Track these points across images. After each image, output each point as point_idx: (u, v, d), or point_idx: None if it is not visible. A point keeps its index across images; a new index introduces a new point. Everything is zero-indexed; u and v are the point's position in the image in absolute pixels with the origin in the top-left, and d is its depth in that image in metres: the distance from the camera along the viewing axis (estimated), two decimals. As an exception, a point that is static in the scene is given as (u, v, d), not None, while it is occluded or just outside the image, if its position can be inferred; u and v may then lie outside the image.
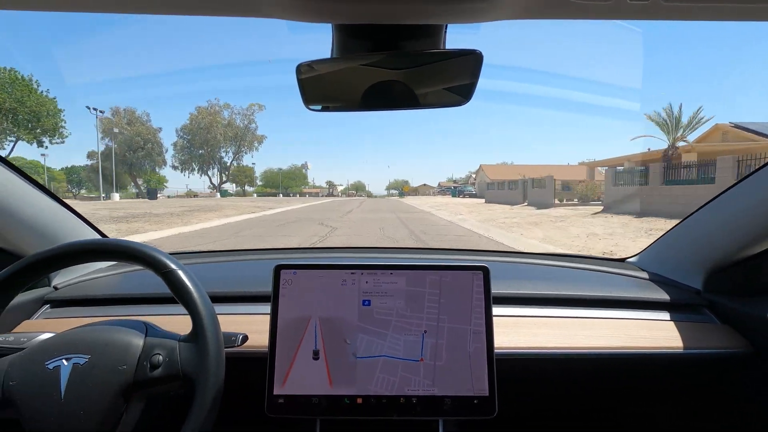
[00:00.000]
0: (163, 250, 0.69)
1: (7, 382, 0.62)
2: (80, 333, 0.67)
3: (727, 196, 0.94)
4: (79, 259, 0.70)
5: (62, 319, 0.98)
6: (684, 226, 1.09)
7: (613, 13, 0.46)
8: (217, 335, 0.65)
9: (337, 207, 24.03)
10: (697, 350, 0.88)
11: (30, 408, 0.60)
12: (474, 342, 0.76)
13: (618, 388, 0.98)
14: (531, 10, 0.47)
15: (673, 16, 0.45)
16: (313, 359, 0.75)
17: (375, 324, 0.77)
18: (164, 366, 0.63)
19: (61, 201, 1.07)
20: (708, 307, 1.01)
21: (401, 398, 0.74)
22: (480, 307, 0.77)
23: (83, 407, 0.60)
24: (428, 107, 0.75)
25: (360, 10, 0.48)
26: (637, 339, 0.89)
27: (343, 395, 0.74)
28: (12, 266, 0.66)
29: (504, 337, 0.87)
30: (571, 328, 0.92)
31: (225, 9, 0.47)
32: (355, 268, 0.80)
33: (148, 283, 1.05)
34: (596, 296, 1.01)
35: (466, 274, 0.79)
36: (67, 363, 0.62)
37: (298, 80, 0.68)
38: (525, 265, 1.29)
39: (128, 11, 0.49)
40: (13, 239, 0.97)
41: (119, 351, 0.63)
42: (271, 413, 0.74)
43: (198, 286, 0.67)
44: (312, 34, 0.61)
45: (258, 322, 0.90)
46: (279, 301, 0.78)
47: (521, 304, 1.00)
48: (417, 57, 0.64)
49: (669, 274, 1.13)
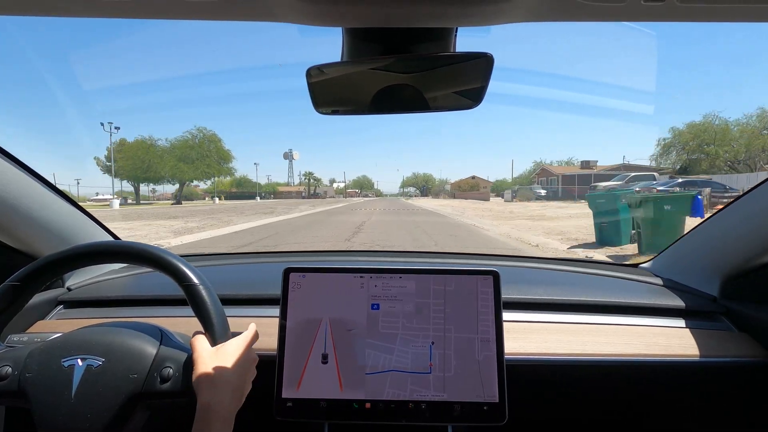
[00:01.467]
0: (183, 258, 0.70)
1: (24, 374, 0.63)
2: (98, 333, 0.67)
3: (743, 201, 0.91)
4: (97, 260, 0.72)
5: (75, 320, 0.99)
6: (699, 231, 1.07)
7: (626, 14, 0.45)
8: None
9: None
10: (713, 358, 0.86)
11: (41, 402, 0.61)
12: (483, 350, 0.75)
13: (632, 397, 0.96)
14: (542, 12, 0.47)
15: (689, 18, 0.44)
16: (322, 363, 0.75)
17: (382, 338, 0.76)
18: (173, 381, 0.63)
19: (75, 203, 1.09)
20: (724, 314, 0.98)
21: (410, 403, 0.73)
22: (487, 313, 0.76)
23: (91, 409, 0.60)
24: (438, 110, 0.75)
25: (371, 14, 0.48)
26: (651, 346, 0.87)
27: (352, 400, 0.73)
28: (28, 267, 0.67)
29: (514, 343, 0.86)
30: (584, 335, 0.90)
31: (237, 13, 0.48)
32: (364, 272, 0.79)
33: (160, 284, 1.06)
34: (609, 302, 0.99)
35: (474, 278, 0.78)
36: (81, 363, 0.63)
37: (308, 84, 0.68)
38: (535, 270, 1.28)
39: (141, 16, 0.50)
40: (29, 241, 0.99)
41: (132, 358, 0.64)
42: (280, 417, 0.74)
43: (216, 303, 0.67)
44: (322, 38, 0.61)
45: (267, 325, 0.90)
46: (288, 304, 0.78)
47: (532, 309, 0.98)
48: (427, 60, 0.64)
49: (683, 280, 1.10)
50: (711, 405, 1.01)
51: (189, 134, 42.37)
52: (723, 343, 0.89)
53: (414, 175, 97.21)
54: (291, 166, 69.90)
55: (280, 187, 74.73)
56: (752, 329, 0.92)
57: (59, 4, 0.46)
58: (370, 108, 0.72)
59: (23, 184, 0.91)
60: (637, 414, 1.03)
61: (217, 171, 43.18)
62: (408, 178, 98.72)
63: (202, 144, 41.72)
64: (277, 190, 70.62)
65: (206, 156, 41.23)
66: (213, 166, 42.00)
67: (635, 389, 0.93)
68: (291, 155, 65.53)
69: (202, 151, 41.09)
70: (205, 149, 41.41)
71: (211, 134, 42.88)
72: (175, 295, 0.98)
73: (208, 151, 41.61)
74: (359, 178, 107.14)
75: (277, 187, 72.80)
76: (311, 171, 72.71)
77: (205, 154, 41.21)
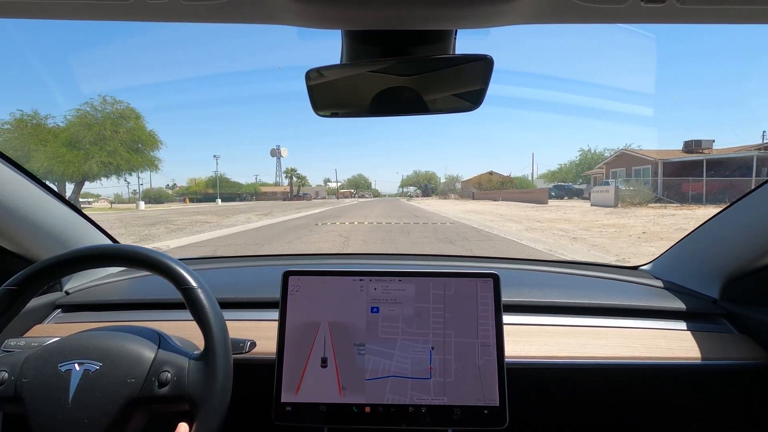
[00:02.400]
0: (181, 261, 0.69)
1: (21, 379, 0.62)
2: (96, 337, 0.67)
3: (743, 203, 0.91)
4: (95, 263, 0.71)
5: (73, 324, 0.98)
6: (699, 233, 1.06)
7: (626, 16, 0.45)
8: (227, 359, 0.64)
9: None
10: (714, 361, 0.86)
11: (38, 408, 0.60)
12: (483, 355, 0.74)
13: (632, 400, 0.95)
14: (541, 14, 0.47)
15: (689, 20, 0.44)
16: (321, 367, 0.75)
17: (381, 344, 0.76)
18: (171, 385, 0.63)
19: (73, 206, 1.09)
20: (725, 316, 0.98)
21: (410, 407, 0.73)
22: (487, 317, 0.76)
23: (88, 415, 0.60)
24: (438, 113, 0.75)
25: (370, 16, 0.48)
26: (652, 349, 0.86)
27: (352, 404, 0.73)
28: (25, 270, 0.67)
29: (515, 346, 0.86)
30: (584, 337, 0.90)
31: (238, 16, 0.48)
32: (364, 275, 0.79)
33: (158, 288, 1.06)
34: (609, 304, 0.99)
35: (474, 281, 0.77)
36: (78, 368, 0.62)
37: (308, 86, 0.68)
38: (535, 273, 1.27)
39: (142, 19, 0.50)
40: (26, 244, 0.98)
41: (130, 363, 0.64)
42: (279, 421, 0.73)
43: (215, 307, 0.67)
44: (322, 41, 0.61)
45: (266, 328, 0.89)
46: (287, 307, 0.77)
47: (532, 312, 0.98)
48: (426, 63, 0.64)
49: (684, 283, 1.10)
50: (712, 407, 1.00)
51: (89, 106, 26.44)
52: (724, 346, 0.89)
53: (415, 173, 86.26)
54: (279, 164, 58.27)
55: (264, 187, 64.53)
56: (753, 331, 0.92)
57: (61, 8, 0.46)
58: (370, 110, 0.72)
59: (20, 186, 0.91)
60: (638, 416, 1.03)
61: (127, 162, 26.51)
62: (408, 177, 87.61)
63: (106, 121, 25.95)
64: (259, 190, 59.72)
65: (110, 139, 25.53)
66: (120, 155, 25.88)
67: (636, 392, 0.93)
68: (279, 152, 54.44)
69: (103, 132, 25.42)
70: (108, 129, 25.62)
71: (126, 108, 26.89)
72: (174, 299, 0.97)
73: (114, 132, 25.81)
74: (355, 177, 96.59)
75: (259, 187, 62.38)
76: (294, 167, 60.57)
77: (108, 137, 25.49)
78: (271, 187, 64.15)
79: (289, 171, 60.82)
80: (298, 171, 58.44)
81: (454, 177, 68.23)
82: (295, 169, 60.83)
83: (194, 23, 0.50)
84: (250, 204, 38.11)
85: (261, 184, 66.61)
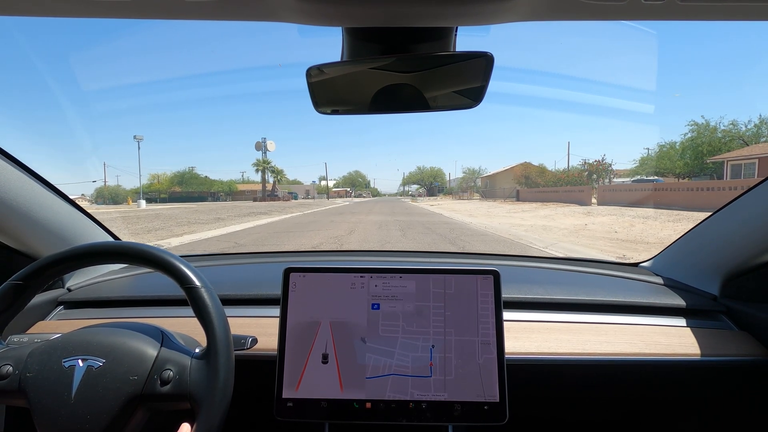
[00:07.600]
0: (184, 259, 0.69)
1: (25, 373, 0.63)
2: (99, 333, 0.67)
3: (743, 200, 0.91)
4: (98, 260, 0.71)
5: (76, 321, 0.99)
6: (699, 230, 1.06)
7: (626, 13, 0.45)
8: (229, 359, 0.65)
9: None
10: (714, 357, 0.86)
11: (41, 403, 0.61)
12: (484, 353, 0.75)
13: (633, 396, 0.96)
14: (542, 11, 0.46)
15: (690, 16, 0.44)
16: (322, 363, 0.75)
17: (382, 342, 0.76)
18: (173, 383, 0.63)
19: (75, 204, 1.09)
20: (725, 313, 0.98)
21: (410, 403, 0.73)
22: (487, 315, 0.76)
23: (90, 411, 0.60)
24: (438, 110, 0.75)
25: (371, 13, 0.48)
26: (652, 345, 0.87)
27: (353, 400, 0.73)
28: (30, 266, 0.67)
29: (515, 342, 0.86)
30: (584, 334, 0.90)
31: (238, 13, 0.47)
32: (365, 272, 0.79)
33: (160, 284, 1.06)
34: (609, 301, 0.99)
35: (475, 278, 0.78)
36: (82, 364, 0.63)
37: (308, 84, 0.68)
38: (536, 269, 1.28)
39: (141, 17, 0.50)
40: (29, 241, 0.98)
41: (133, 360, 0.64)
42: (280, 417, 0.74)
43: (218, 307, 0.67)
44: (322, 38, 0.61)
45: (268, 325, 0.90)
46: (288, 304, 0.78)
47: (532, 308, 0.98)
48: (427, 60, 0.64)
49: (684, 279, 1.10)
50: (711, 403, 1.01)
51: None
52: (723, 342, 0.89)
53: (419, 169, 75.39)
54: (264, 158, 48.54)
55: (241, 185, 56.84)
56: (753, 328, 0.92)
57: (59, 5, 0.46)
58: (370, 108, 0.72)
59: (23, 184, 0.91)
60: (638, 412, 1.03)
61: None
62: (412, 174, 77.47)
63: None
64: (235, 188, 53.31)
65: None
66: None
67: (636, 388, 0.93)
68: (264, 146, 46.28)
69: None
70: None
71: None
72: (176, 296, 0.98)
73: None
74: (351, 174, 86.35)
75: (235, 185, 54.93)
76: (269, 159, 48.18)
77: None
78: (251, 184, 56.68)
79: (260, 163, 48.97)
80: (273, 164, 48.30)
81: (474, 171, 56.44)
82: (269, 161, 49.10)
83: (194, 21, 0.50)
84: (204, 206, 28.98)
85: (244, 182, 60.02)
